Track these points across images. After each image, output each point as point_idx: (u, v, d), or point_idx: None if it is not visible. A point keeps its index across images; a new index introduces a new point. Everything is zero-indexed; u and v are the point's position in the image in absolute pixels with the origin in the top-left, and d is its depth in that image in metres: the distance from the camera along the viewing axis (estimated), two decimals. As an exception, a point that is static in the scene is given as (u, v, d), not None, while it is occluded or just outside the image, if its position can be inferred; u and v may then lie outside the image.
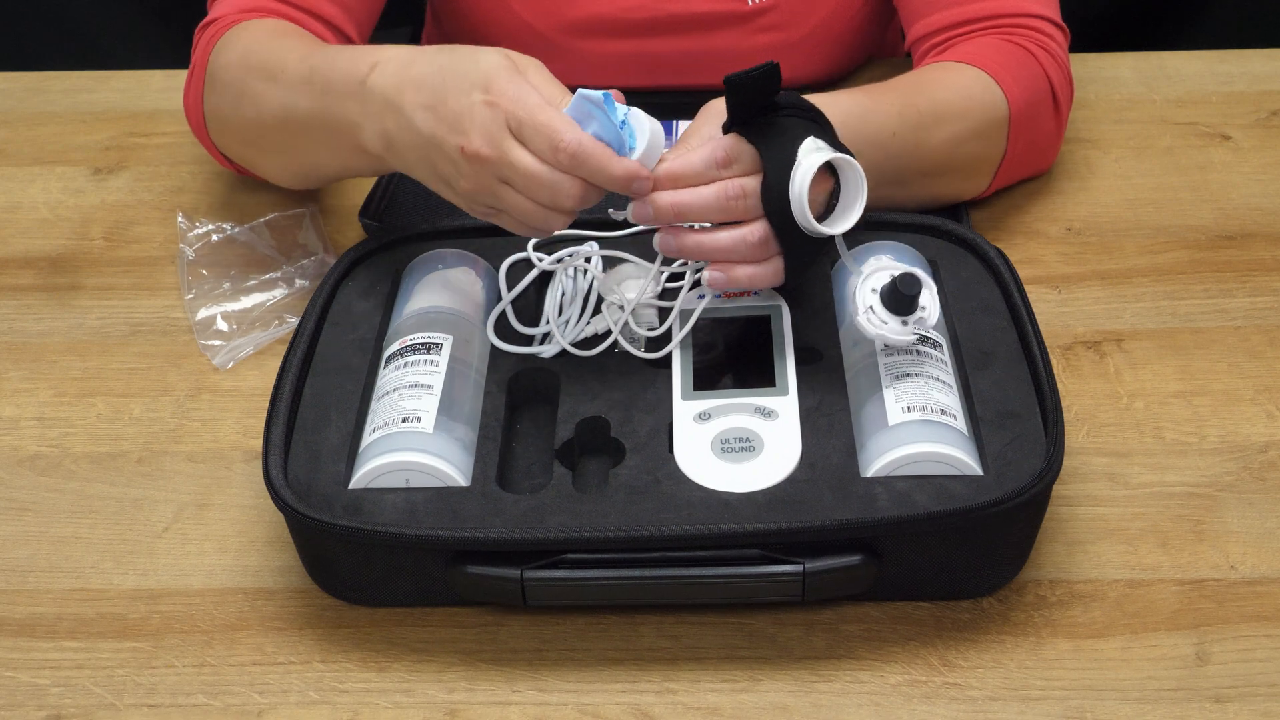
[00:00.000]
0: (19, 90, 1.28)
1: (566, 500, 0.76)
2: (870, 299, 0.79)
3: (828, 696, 0.74)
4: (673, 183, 0.80)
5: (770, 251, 0.80)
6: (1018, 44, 1.03)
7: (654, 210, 0.80)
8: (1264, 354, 0.93)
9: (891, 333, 0.79)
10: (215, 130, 1.04)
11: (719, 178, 0.80)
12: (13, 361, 0.97)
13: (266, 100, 0.95)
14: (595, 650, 0.77)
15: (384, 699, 0.75)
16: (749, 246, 0.80)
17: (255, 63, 0.98)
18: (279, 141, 0.97)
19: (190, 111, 1.06)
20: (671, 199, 0.80)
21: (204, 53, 1.03)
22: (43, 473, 0.89)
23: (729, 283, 0.81)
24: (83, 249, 1.07)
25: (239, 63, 0.99)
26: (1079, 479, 0.85)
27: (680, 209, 0.80)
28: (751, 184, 0.79)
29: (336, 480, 0.78)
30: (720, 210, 0.79)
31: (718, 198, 0.79)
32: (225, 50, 1.01)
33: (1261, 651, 0.75)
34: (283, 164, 1.01)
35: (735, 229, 0.80)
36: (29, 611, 0.80)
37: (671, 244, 0.81)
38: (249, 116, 0.98)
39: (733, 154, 0.79)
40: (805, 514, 0.74)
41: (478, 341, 0.86)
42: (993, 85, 0.99)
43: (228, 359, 0.95)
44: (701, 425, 0.79)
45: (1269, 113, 1.17)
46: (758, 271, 0.81)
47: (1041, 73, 1.02)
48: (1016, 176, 1.05)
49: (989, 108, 0.99)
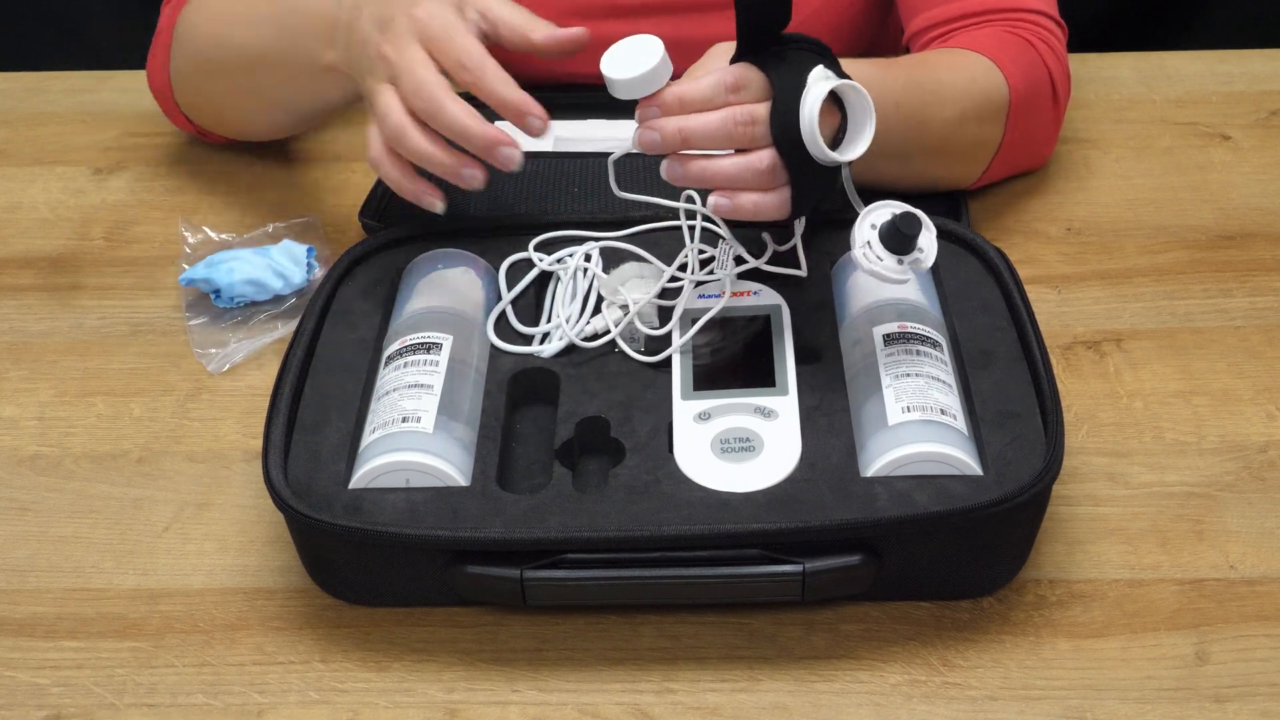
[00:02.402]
0: (19, 90, 1.28)
1: (566, 500, 0.76)
2: (869, 234, 0.78)
3: (827, 696, 0.74)
4: (681, 107, 0.79)
5: (778, 180, 0.79)
6: (1018, 35, 1.04)
7: (660, 136, 0.79)
8: (1264, 354, 0.93)
9: (886, 269, 0.78)
10: (181, 90, 1.07)
11: (728, 103, 0.79)
12: (13, 361, 0.97)
13: (239, 44, 0.99)
14: (595, 650, 0.77)
15: (384, 699, 0.75)
16: (756, 174, 0.79)
17: (228, 14, 1.01)
18: (251, 83, 1.00)
19: (153, 79, 1.09)
20: (678, 124, 0.79)
21: (169, 19, 1.08)
22: (43, 472, 0.89)
23: (734, 210, 0.80)
24: (83, 249, 1.08)
25: (211, 18, 1.03)
26: (1079, 479, 0.85)
27: (687, 134, 0.79)
28: (761, 110, 0.78)
29: (336, 480, 0.78)
30: (728, 136, 0.78)
31: (725, 123, 0.78)
32: (195, 11, 1.05)
33: (1261, 651, 0.75)
34: (254, 108, 1.04)
35: (743, 155, 0.79)
36: (29, 611, 0.80)
37: (678, 171, 0.80)
38: (222, 62, 1.01)
39: (742, 80, 0.78)
40: (805, 514, 0.74)
41: (477, 341, 0.86)
42: (994, 70, 1.00)
43: (223, 363, 0.95)
44: (701, 425, 0.79)
45: (1269, 113, 1.17)
46: (764, 200, 0.79)
47: (1041, 63, 1.03)
48: (1011, 168, 1.05)
49: (990, 91, 0.99)
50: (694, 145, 0.79)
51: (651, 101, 0.79)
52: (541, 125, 0.81)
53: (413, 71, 0.82)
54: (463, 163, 0.83)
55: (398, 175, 0.85)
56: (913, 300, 0.85)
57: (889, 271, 0.78)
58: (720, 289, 0.88)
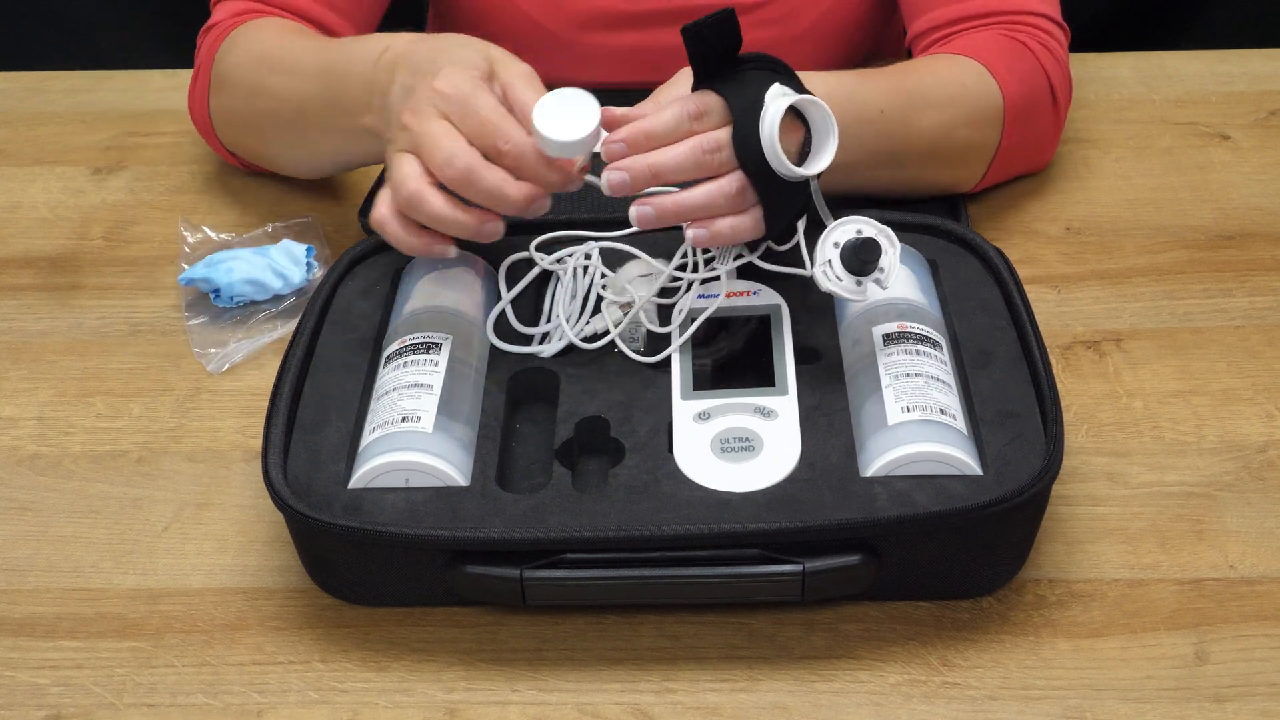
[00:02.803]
0: (19, 90, 1.28)
1: (566, 500, 0.76)
2: (830, 253, 0.80)
3: (827, 696, 0.74)
4: (647, 141, 0.80)
5: (749, 201, 0.80)
6: (1016, 39, 1.03)
7: (630, 176, 0.80)
8: (1263, 354, 0.93)
9: (844, 290, 0.80)
10: (223, 128, 1.06)
11: (692, 131, 0.80)
12: (13, 361, 0.97)
13: (282, 92, 0.98)
14: (595, 650, 0.77)
15: (384, 699, 0.75)
16: (727, 198, 0.80)
17: (268, 58, 1.00)
18: (293, 133, 0.99)
19: (195, 113, 1.08)
20: (647, 161, 0.79)
21: (209, 55, 1.05)
22: (42, 472, 0.89)
23: (711, 238, 0.81)
24: (83, 249, 1.08)
25: (251, 60, 1.02)
26: (1078, 479, 0.85)
27: (657, 169, 0.79)
28: (724, 135, 0.79)
29: (336, 480, 0.78)
30: (696, 166, 0.79)
31: (692, 153, 0.79)
32: (233, 50, 1.03)
33: (1261, 651, 0.75)
34: (297, 155, 1.03)
35: (712, 182, 0.80)
36: (29, 611, 0.80)
37: (649, 214, 0.81)
38: (263, 109, 1.00)
39: (702, 107, 0.79)
40: (805, 514, 0.74)
41: (477, 341, 0.86)
42: (986, 75, 1.00)
43: (222, 363, 0.95)
44: (701, 425, 0.79)
45: (1268, 113, 1.17)
46: (738, 222, 0.80)
47: (1039, 68, 1.02)
48: (1012, 171, 1.05)
49: (980, 97, 0.99)
50: (664, 180, 0.80)
51: (617, 137, 0.79)
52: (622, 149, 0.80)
53: (438, 143, 0.81)
54: (483, 220, 0.82)
55: (405, 235, 0.84)
56: (913, 300, 0.85)
57: (847, 292, 0.80)
58: (720, 289, 0.88)
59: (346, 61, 0.93)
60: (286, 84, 0.98)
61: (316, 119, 0.96)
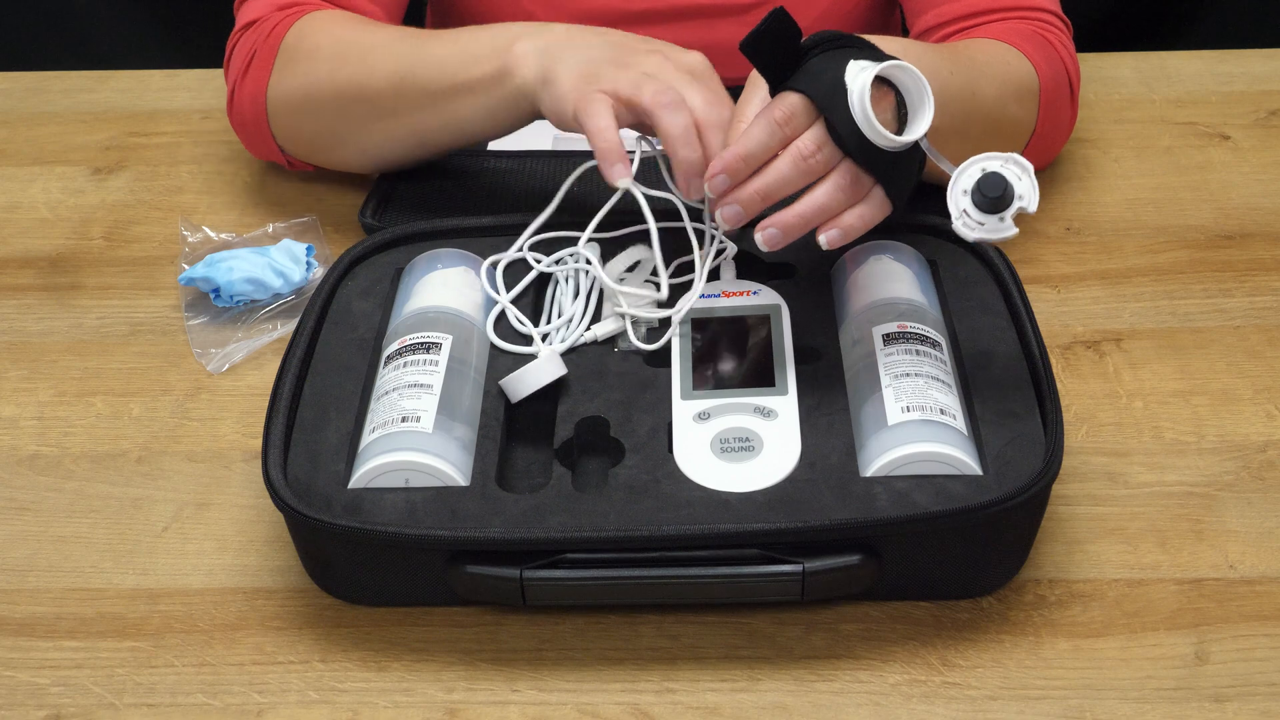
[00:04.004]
0: (19, 90, 1.28)
1: (566, 500, 0.76)
2: (963, 201, 0.76)
3: (827, 696, 0.74)
4: (746, 165, 0.78)
5: (866, 187, 0.78)
6: (1033, 30, 1.04)
7: (743, 208, 0.78)
8: (1263, 354, 0.93)
9: (991, 233, 0.75)
10: (287, 113, 1.05)
11: (785, 139, 0.77)
12: (12, 361, 0.97)
13: (385, 60, 0.99)
14: (595, 650, 0.77)
15: (383, 699, 0.75)
16: (844, 192, 0.77)
17: (361, 36, 1.01)
18: (391, 101, 0.99)
19: (247, 105, 1.06)
20: (756, 187, 0.78)
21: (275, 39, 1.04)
22: (42, 472, 0.89)
23: (845, 235, 0.78)
24: (83, 249, 1.08)
25: (339, 36, 1.02)
26: (1078, 478, 0.85)
27: (766, 192, 0.78)
28: (820, 133, 0.77)
29: (336, 480, 0.78)
30: (804, 174, 0.77)
31: (795, 163, 0.77)
32: (309, 32, 1.03)
33: (1261, 651, 0.75)
34: (382, 132, 1.02)
35: (825, 181, 0.78)
36: (29, 611, 0.80)
37: (777, 236, 0.78)
38: (355, 77, 1.00)
39: (788, 111, 0.77)
40: (805, 514, 0.74)
41: (477, 341, 0.86)
42: (1022, 57, 1.00)
43: (222, 363, 0.95)
44: (701, 425, 0.79)
45: (1268, 113, 1.17)
46: (865, 210, 0.78)
47: (1058, 56, 1.03)
48: (1034, 158, 1.05)
49: (1024, 75, 0.99)
50: (777, 199, 0.78)
51: (716, 170, 0.78)
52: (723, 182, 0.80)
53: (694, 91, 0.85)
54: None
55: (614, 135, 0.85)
56: (913, 300, 0.85)
57: (993, 234, 0.75)
58: (719, 289, 0.88)
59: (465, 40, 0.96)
60: (382, 56, 0.98)
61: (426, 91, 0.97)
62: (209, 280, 0.98)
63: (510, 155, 1.11)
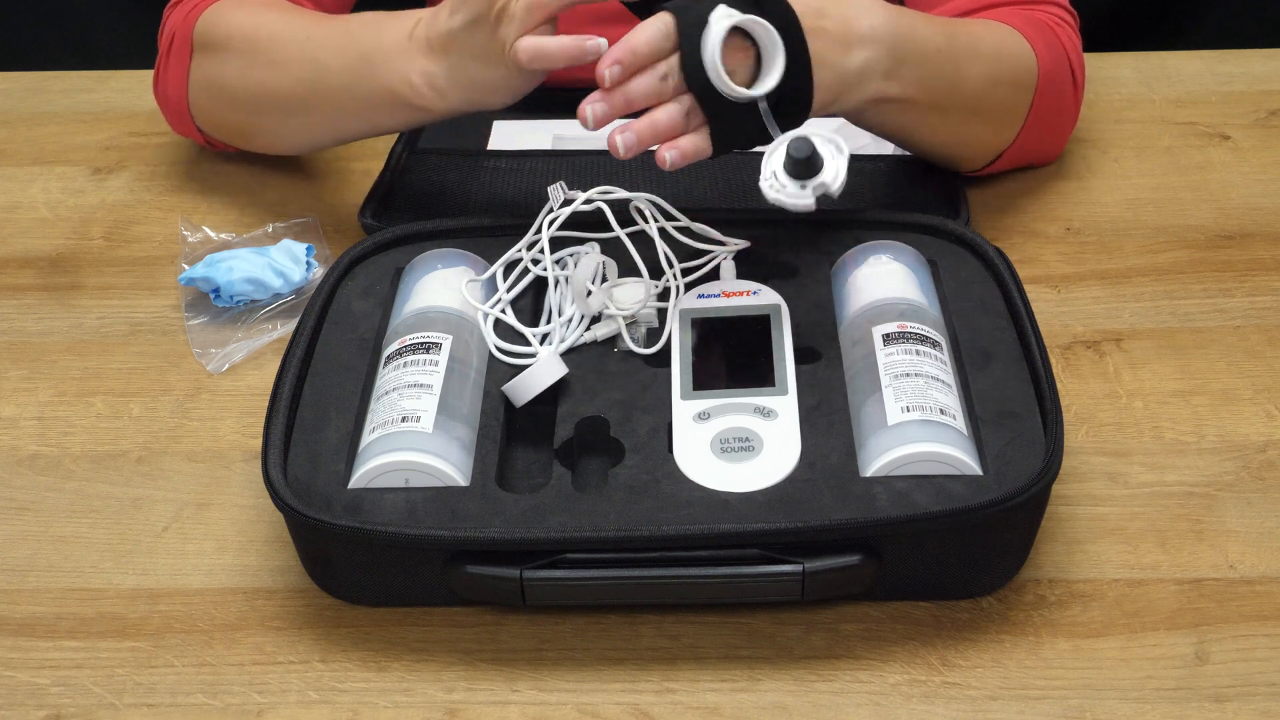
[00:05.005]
0: (19, 90, 1.28)
1: (566, 500, 0.76)
2: (775, 164, 0.80)
3: (827, 696, 0.74)
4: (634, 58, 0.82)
5: (697, 121, 0.84)
6: (1040, 17, 1.04)
7: (609, 106, 0.83)
8: (1263, 354, 0.93)
9: (789, 198, 0.79)
10: (205, 102, 1.06)
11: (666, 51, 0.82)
12: (12, 361, 0.97)
13: (291, 65, 0.99)
14: (595, 650, 0.77)
15: (384, 699, 0.75)
16: (675, 118, 0.83)
17: (268, 31, 1.01)
18: (301, 105, 1.00)
19: (170, 88, 1.07)
20: (621, 92, 0.83)
21: (187, 27, 1.05)
22: (42, 472, 0.89)
23: (680, 157, 0.83)
24: (83, 249, 1.08)
25: (247, 32, 1.02)
26: (1078, 479, 0.85)
27: (629, 97, 0.83)
28: (676, 60, 0.82)
29: (336, 480, 0.78)
30: (657, 92, 0.83)
31: (652, 80, 0.83)
32: (220, 23, 1.04)
33: (1261, 651, 0.75)
34: (297, 127, 1.03)
35: (669, 104, 0.83)
36: (29, 611, 0.80)
37: (632, 140, 0.83)
38: (265, 81, 1.00)
39: (662, 28, 0.82)
40: (805, 514, 0.74)
41: (477, 341, 0.86)
42: (1023, 41, 1.01)
43: (222, 363, 0.95)
44: (701, 425, 0.79)
45: (1268, 113, 1.17)
46: (685, 141, 0.83)
47: (1061, 46, 1.04)
48: (1033, 147, 1.05)
49: (1020, 58, 1.00)
50: (636, 106, 0.83)
51: (609, 60, 0.82)
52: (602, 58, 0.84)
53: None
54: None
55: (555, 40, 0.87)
56: (913, 300, 0.85)
57: (790, 198, 0.79)
58: (719, 289, 0.88)
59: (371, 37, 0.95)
60: (292, 56, 0.98)
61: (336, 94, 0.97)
62: (209, 280, 0.98)
63: (510, 155, 1.11)
